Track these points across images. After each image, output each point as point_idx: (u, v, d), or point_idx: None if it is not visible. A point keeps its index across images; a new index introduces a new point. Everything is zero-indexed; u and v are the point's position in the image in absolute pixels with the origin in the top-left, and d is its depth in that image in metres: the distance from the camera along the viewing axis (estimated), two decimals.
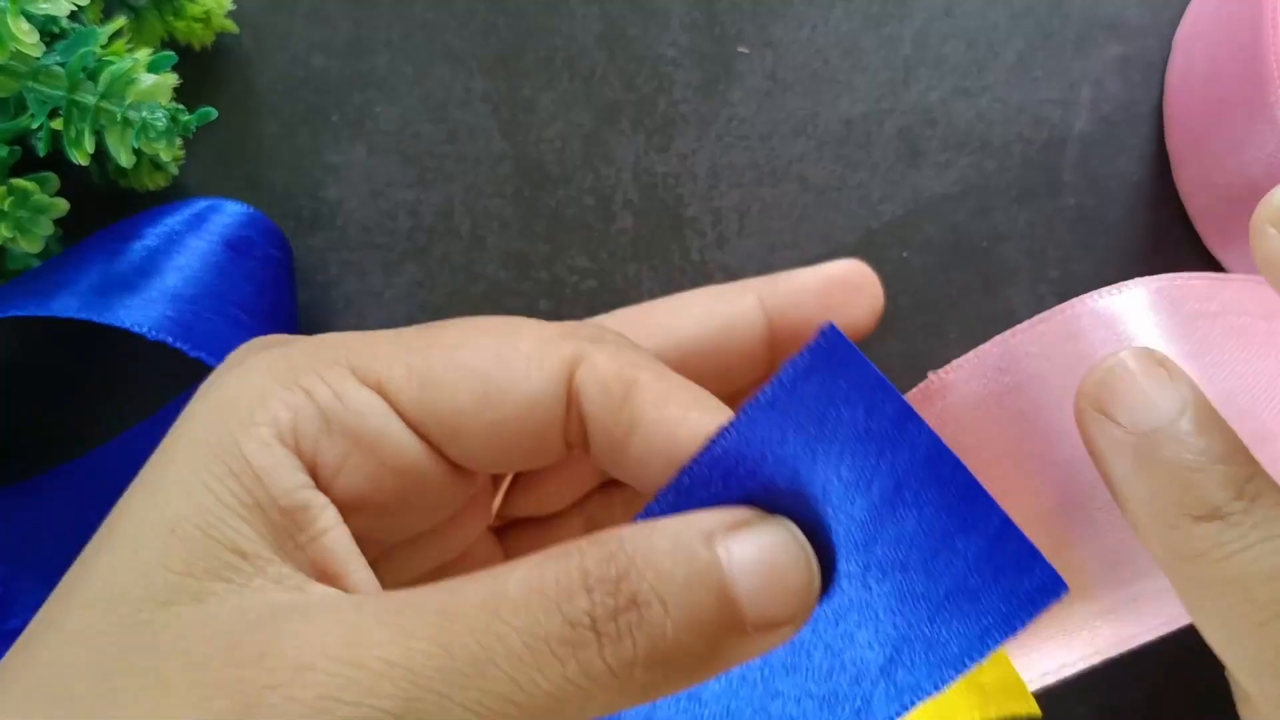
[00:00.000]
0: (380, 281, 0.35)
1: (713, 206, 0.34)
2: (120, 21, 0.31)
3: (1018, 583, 0.17)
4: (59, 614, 0.17)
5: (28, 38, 0.26)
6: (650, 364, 0.20)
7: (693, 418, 0.19)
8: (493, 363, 0.19)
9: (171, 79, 0.28)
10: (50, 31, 0.29)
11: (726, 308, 0.23)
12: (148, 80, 0.27)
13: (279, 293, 0.32)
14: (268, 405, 0.18)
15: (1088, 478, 0.22)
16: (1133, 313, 0.23)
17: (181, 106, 0.29)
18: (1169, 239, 0.34)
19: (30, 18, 0.27)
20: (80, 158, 0.28)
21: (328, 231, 0.35)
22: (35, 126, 0.28)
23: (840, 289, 0.23)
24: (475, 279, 0.34)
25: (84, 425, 0.35)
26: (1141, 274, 0.33)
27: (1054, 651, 0.25)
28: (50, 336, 0.34)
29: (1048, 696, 0.25)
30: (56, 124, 0.28)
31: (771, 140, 0.35)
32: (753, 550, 0.17)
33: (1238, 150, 0.29)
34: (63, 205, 0.30)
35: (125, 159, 0.28)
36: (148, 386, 0.34)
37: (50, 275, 0.30)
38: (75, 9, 0.28)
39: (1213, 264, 0.33)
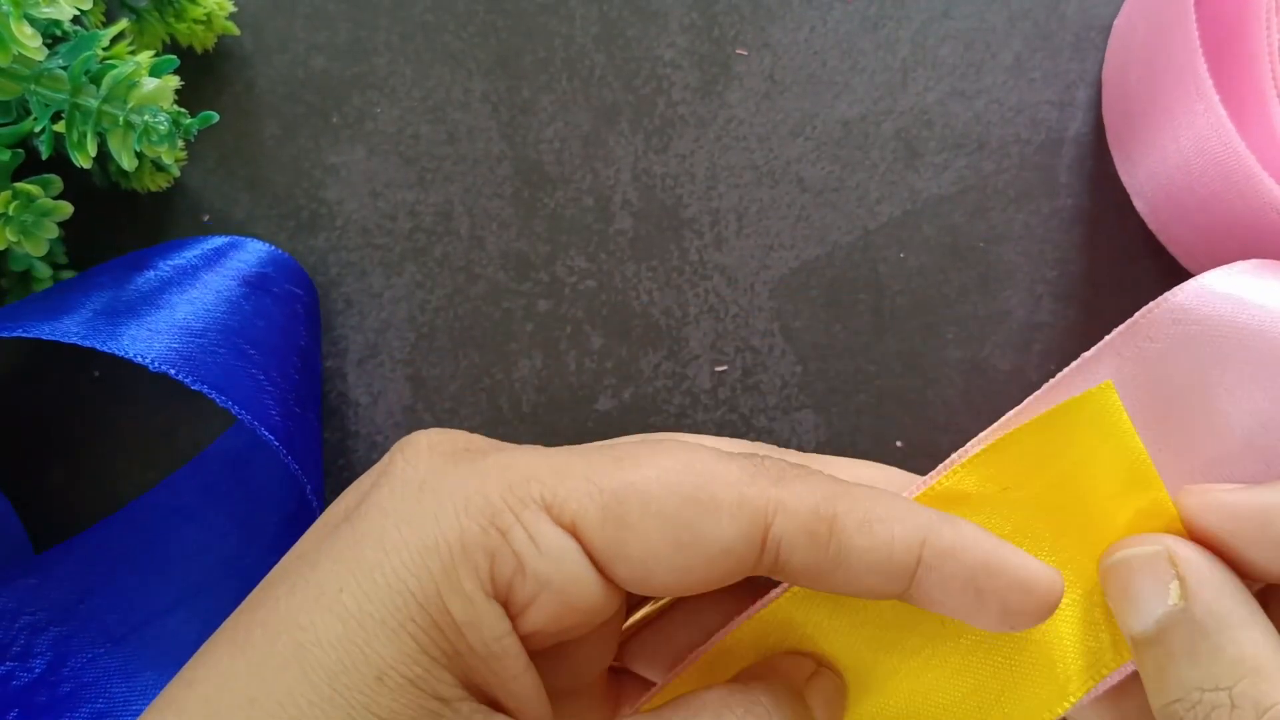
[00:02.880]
0: (380, 282, 0.35)
1: (711, 207, 0.35)
2: (122, 24, 0.31)
3: None
4: None
5: (30, 41, 0.26)
6: (839, 490, 0.21)
7: (898, 533, 0.20)
8: (689, 511, 0.20)
9: (173, 82, 0.28)
10: (53, 35, 0.30)
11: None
12: (150, 84, 0.28)
13: (295, 330, 0.32)
14: (470, 555, 0.19)
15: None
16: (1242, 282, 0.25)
17: (183, 110, 0.29)
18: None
19: (33, 21, 0.27)
20: (83, 161, 0.28)
21: (327, 232, 0.35)
22: (38, 130, 0.28)
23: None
24: (475, 279, 0.35)
25: (96, 452, 0.35)
26: (1138, 274, 0.33)
27: None
28: (55, 351, 0.34)
29: None
30: (59, 127, 0.28)
31: (770, 141, 0.35)
32: None
33: (1175, 138, 0.30)
34: (66, 208, 0.30)
35: (127, 162, 0.28)
36: (155, 406, 0.35)
37: (59, 297, 0.29)
38: (78, 12, 0.28)
39: None
